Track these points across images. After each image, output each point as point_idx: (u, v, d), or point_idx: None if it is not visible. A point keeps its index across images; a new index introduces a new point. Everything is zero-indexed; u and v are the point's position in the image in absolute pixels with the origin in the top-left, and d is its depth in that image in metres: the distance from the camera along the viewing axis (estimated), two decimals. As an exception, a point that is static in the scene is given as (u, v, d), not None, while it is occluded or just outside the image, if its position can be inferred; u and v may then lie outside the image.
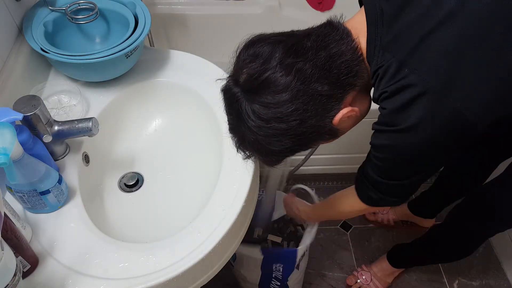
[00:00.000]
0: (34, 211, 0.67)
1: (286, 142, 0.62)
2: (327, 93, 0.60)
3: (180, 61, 0.93)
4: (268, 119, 0.60)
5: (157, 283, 0.59)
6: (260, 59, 0.60)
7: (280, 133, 0.61)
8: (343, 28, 0.64)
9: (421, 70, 0.57)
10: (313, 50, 0.60)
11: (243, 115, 0.61)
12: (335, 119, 0.64)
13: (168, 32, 1.57)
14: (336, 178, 1.59)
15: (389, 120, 0.61)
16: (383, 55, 0.60)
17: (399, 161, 0.67)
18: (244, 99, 0.61)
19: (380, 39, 0.61)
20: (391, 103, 0.60)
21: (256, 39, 0.64)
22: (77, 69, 0.82)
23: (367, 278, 1.34)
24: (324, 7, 1.53)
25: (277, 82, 0.58)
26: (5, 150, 0.52)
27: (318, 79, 0.59)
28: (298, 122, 0.60)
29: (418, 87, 0.56)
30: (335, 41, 0.62)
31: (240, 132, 0.65)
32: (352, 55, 0.62)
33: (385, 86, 0.60)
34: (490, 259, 1.44)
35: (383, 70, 0.60)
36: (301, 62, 0.59)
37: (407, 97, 0.57)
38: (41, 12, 0.86)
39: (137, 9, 0.87)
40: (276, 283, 1.13)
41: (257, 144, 0.63)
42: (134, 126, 0.90)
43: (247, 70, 0.61)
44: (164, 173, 0.86)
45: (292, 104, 0.59)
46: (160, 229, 0.77)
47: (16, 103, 0.65)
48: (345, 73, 0.61)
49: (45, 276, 0.61)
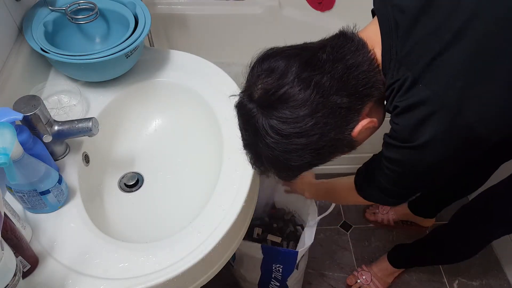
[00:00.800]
0: (34, 211, 0.67)
1: (305, 157, 0.62)
2: (347, 105, 0.60)
3: (180, 61, 0.93)
4: (287, 135, 0.59)
5: (157, 283, 0.59)
6: (276, 74, 0.59)
7: (299, 148, 0.60)
8: (358, 39, 0.63)
9: (436, 86, 0.56)
10: (330, 62, 0.59)
11: (260, 131, 0.60)
12: (354, 131, 0.63)
13: (168, 32, 1.56)
14: None
15: (402, 136, 0.61)
16: (399, 68, 0.60)
17: (409, 175, 0.67)
18: (261, 115, 0.60)
19: (396, 52, 0.60)
20: (404, 120, 0.60)
21: (270, 53, 0.63)
22: (77, 69, 0.82)
23: (367, 278, 1.34)
24: (324, 7, 1.52)
25: (295, 96, 0.57)
26: (5, 150, 0.52)
27: (337, 91, 0.58)
28: (318, 136, 0.60)
29: (432, 104, 0.56)
30: (351, 52, 0.61)
31: (256, 148, 0.64)
32: (369, 66, 0.61)
33: (399, 101, 0.60)
34: (490, 259, 1.44)
35: (398, 85, 0.60)
36: (318, 75, 0.58)
37: (421, 115, 0.57)
38: (41, 12, 0.86)
39: (137, 9, 0.87)
40: (276, 283, 1.13)
41: (275, 160, 0.62)
42: (134, 126, 0.90)
43: (262, 86, 0.60)
44: (164, 173, 0.86)
45: (312, 118, 0.58)
46: (160, 229, 0.77)
47: (16, 103, 0.65)
48: (363, 84, 0.61)
49: (45, 276, 0.61)
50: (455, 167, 0.65)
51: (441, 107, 0.55)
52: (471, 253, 1.11)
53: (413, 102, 0.57)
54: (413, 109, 0.58)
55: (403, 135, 0.61)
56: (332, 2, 1.51)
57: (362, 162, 0.82)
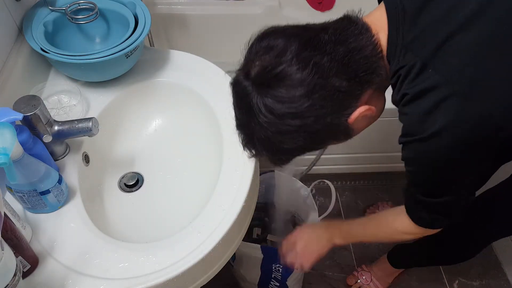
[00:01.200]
0: (34, 211, 0.67)
1: (298, 140, 0.59)
2: (345, 89, 0.57)
3: (180, 61, 0.93)
4: (281, 115, 0.57)
5: (157, 283, 0.59)
6: (274, 51, 0.57)
7: (293, 130, 0.58)
8: (362, 22, 0.61)
9: (446, 71, 0.54)
10: (331, 43, 0.57)
11: (254, 110, 0.58)
12: (351, 118, 0.60)
13: (168, 32, 1.57)
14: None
15: (412, 128, 0.58)
16: (405, 54, 0.58)
17: (430, 173, 0.63)
18: (256, 93, 0.57)
19: (402, 37, 0.58)
20: (413, 108, 0.57)
21: (270, 31, 0.60)
22: (77, 69, 0.82)
23: (367, 278, 1.34)
24: (324, 7, 1.53)
25: (292, 76, 0.55)
26: (5, 150, 0.52)
27: (337, 73, 0.56)
28: (313, 119, 0.57)
29: (443, 89, 0.53)
30: (354, 36, 0.59)
31: (249, 128, 0.62)
32: (372, 51, 0.59)
33: (408, 88, 0.57)
34: (490, 259, 1.44)
35: (405, 71, 0.57)
36: (318, 55, 0.56)
37: (431, 101, 0.54)
38: (41, 12, 0.86)
39: (137, 9, 0.87)
40: (275, 283, 1.13)
41: (267, 141, 0.60)
42: (134, 126, 0.90)
43: (260, 62, 0.57)
44: (164, 173, 0.86)
45: (308, 99, 0.56)
46: (160, 229, 0.77)
47: (16, 103, 0.65)
48: (364, 69, 0.58)
49: (45, 276, 0.61)
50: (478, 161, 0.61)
51: (453, 92, 0.53)
52: (471, 254, 1.11)
53: (423, 88, 0.55)
54: (423, 95, 0.55)
55: (413, 126, 0.58)
56: (332, 2, 1.51)
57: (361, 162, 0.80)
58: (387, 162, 1.48)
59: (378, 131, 1.27)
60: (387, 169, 1.51)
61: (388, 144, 1.39)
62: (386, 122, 1.19)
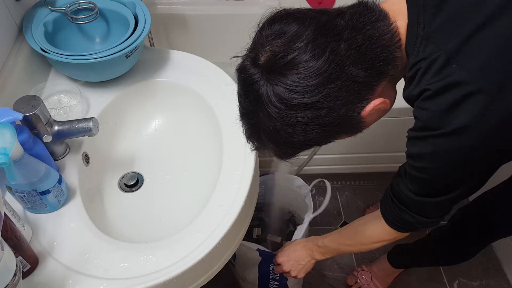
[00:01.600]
0: (34, 211, 0.67)
1: (309, 133, 0.55)
2: (362, 79, 0.53)
3: (180, 61, 0.93)
4: (293, 105, 0.52)
5: (157, 283, 0.59)
6: (287, 36, 0.52)
7: (304, 122, 0.54)
8: (379, 9, 0.56)
9: (472, 66, 0.50)
10: (348, 30, 0.53)
11: (263, 99, 0.53)
12: (365, 110, 0.56)
13: (168, 32, 1.56)
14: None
15: (432, 122, 0.54)
16: (426, 46, 0.54)
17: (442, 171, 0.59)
18: (265, 81, 0.53)
19: (424, 27, 0.54)
20: (434, 104, 0.53)
21: (283, 13, 0.56)
22: (77, 69, 0.82)
23: (367, 278, 1.34)
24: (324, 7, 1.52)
25: (307, 63, 0.51)
26: (5, 150, 0.52)
27: (354, 62, 0.52)
28: (327, 110, 0.53)
29: (469, 85, 0.50)
30: (371, 23, 0.54)
31: (255, 118, 0.57)
32: (390, 40, 0.55)
33: (429, 83, 0.53)
34: (490, 259, 1.44)
35: (427, 64, 0.53)
36: (335, 42, 0.51)
37: (454, 97, 0.51)
38: (41, 12, 0.86)
39: (137, 9, 0.87)
40: (275, 283, 1.13)
41: (275, 133, 0.56)
42: (134, 126, 0.90)
43: (270, 48, 0.53)
44: (164, 173, 0.86)
45: (323, 89, 0.51)
46: (160, 229, 0.77)
47: (16, 103, 0.65)
48: (381, 59, 0.54)
49: (45, 276, 0.61)
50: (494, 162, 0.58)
51: (479, 89, 0.49)
52: (470, 254, 1.11)
53: (446, 83, 0.51)
54: (446, 91, 0.52)
55: (432, 121, 0.54)
56: (332, 2, 1.51)
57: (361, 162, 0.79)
58: (387, 162, 1.48)
59: (379, 131, 1.27)
60: (387, 169, 1.51)
61: (388, 144, 1.39)
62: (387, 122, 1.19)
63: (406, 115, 1.22)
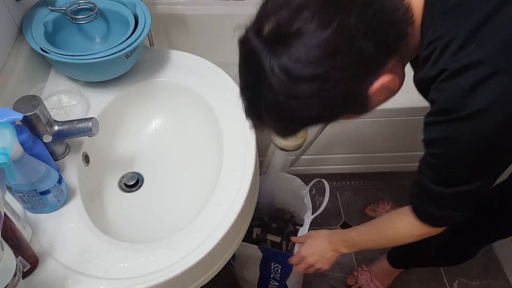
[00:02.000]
0: (34, 211, 0.67)
1: (313, 108, 0.53)
2: (371, 53, 0.51)
3: (180, 61, 0.93)
4: (297, 77, 0.50)
5: (157, 283, 0.59)
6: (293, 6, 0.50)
7: (308, 95, 0.51)
8: None
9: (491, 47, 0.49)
10: (358, 3, 0.50)
11: (265, 70, 0.51)
12: (373, 87, 0.54)
13: (168, 32, 1.56)
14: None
15: (449, 106, 0.52)
16: (443, 24, 0.52)
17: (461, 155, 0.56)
18: (269, 52, 0.50)
19: (441, 3, 0.52)
20: (452, 85, 0.51)
21: None
22: (77, 69, 0.82)
23: (367, 278, 1.34)
24: (324, 7, 1.52)
25: (314, 34, 0.48)
26: (5, 150, 0.52)
27: (363, 35, 0.49)
28: (333, 83, 0.50)
29: (488, 66, 0.48)
30: None
31: (256, 92, 0.54)
32: (402, 16, 0.53)
33: (447, 63, 0.51)
34: (490, 259, 1.44)
35: (444, 43, 0.51)
36: (343, 14, 0.49)
37: (472, 78, 0.49)
38: (41, 12, 0.86)
39: (137, 9, 0.87)
40: (275, 283, 1.13)
41: (278, 107, 0.53)
42: (134, 126, 0.90)
43: (275, 18, 0.50)
44: (164, 173, 0.86)
45: (330, 61, 0.49)
46: (160, 229, 0.77)
47: (16, 103, 0.65)
48: (392, 34, 0.52)
49: (45, 276, 0.61)
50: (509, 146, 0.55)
51: (497, 70, 0.48)
52: (470, 254, 1.11)
53: (464, 63, 0.49)
54: (464, 72, 0.50)
55: (449, 104, 0.52)
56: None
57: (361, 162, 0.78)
58: (387, 162, 1.48)
59: (379, 131, 1.27)
60: (387, 169, 1.51)
61: (388, 144, 1.39)
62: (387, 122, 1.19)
63: (406, 115, 1.21)
